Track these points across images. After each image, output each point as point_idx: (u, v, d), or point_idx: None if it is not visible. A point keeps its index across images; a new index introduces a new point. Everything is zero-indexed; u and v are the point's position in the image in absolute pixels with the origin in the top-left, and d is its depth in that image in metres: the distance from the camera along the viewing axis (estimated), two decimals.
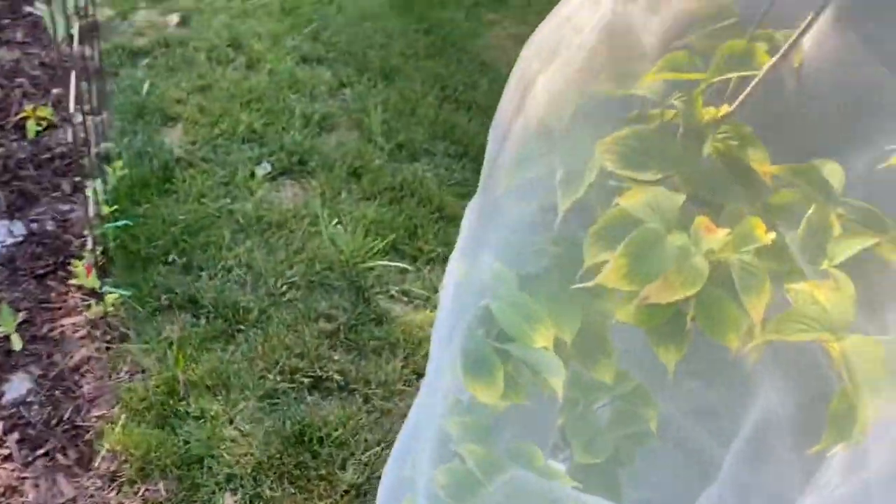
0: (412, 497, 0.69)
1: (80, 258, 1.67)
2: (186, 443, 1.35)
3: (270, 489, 1.31)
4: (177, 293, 1.65)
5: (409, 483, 0.71)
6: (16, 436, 1.37)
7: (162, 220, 1.82)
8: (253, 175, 2.05)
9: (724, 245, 0.52)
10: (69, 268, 1.67)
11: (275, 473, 1.34)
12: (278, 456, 1.36)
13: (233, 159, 2.10)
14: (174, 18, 2.73)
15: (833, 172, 0.55)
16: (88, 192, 1.71)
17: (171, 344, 1.53)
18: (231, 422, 1.41)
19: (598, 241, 0.55)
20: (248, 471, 1.33)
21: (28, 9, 2.62)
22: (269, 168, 2.09)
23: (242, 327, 1.59)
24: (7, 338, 1.52)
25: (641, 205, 0.54)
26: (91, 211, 1.70)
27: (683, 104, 0.56)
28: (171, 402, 1.42)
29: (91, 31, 1.98)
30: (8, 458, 1.34)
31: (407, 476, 0.72)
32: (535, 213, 0.61)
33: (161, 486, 1.30)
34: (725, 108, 0.55)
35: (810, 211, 0.53)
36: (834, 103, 0.54)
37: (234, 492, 1.31)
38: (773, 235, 0.51)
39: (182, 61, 2.50)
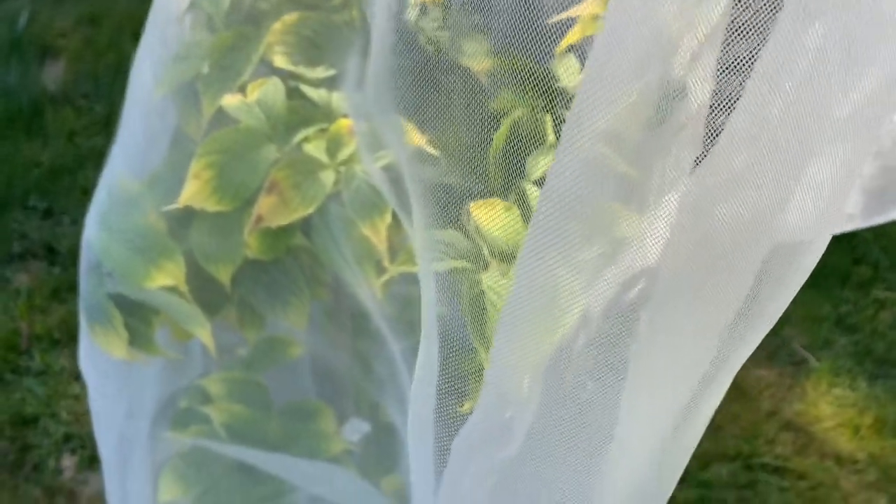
0: (141, 455, 0.65)
1: None
2: (23, 400, 1.30)
3: None
4: (33, 240, 1.57)
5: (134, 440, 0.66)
6: None
7: (24, 161, 1.72)
8: None
9: (353, 153, 0.44)
10: None
11: None
12: None
13: (114, 95, 1.99)
14: None
15: (569, 69, 0.44)
16: None
17: (18, 293, 1.46)
18: (77, 377, 1.36)
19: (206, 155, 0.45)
20: (90, 429, 1.28)
21: None
22: None
23: None
24: None
25: (245, 104, 0.45)
26: None
27: None
28: (11, 356, 1.36)
29: None
30: None
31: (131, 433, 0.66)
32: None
33: None
34: None
35: (513, 116, 0.44)
36: None
37: (72, 452, 1.26)
38: (421, 142, 0.42)
39: None
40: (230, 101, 0.46)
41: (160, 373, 0.70)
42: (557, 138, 0.50)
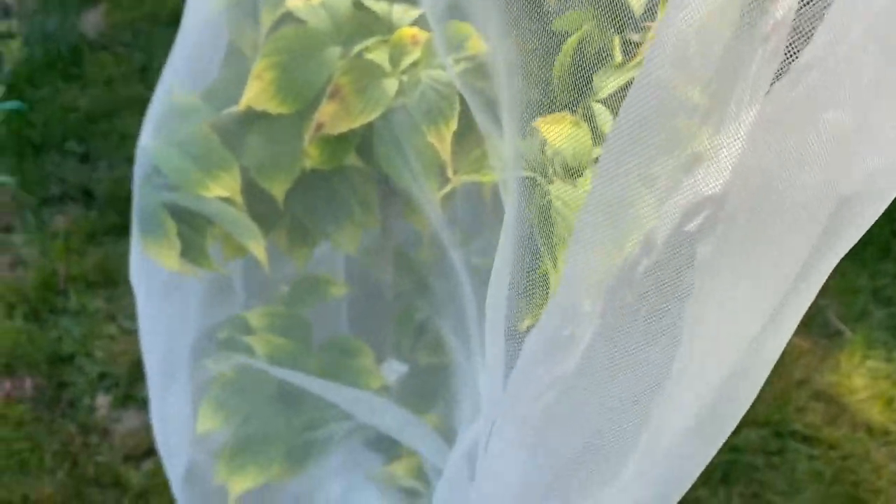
0: (183, 377, 0.65)
1: None
2: (59, 339, 1.31)
3: (146, 389, 1.28)
4: (70, 183, 1.58)
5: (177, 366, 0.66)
6: None
7: (62, 105, 1.73)
8: None
9: (417, 60, 0.43)
10: None
11: None
12: None
13: (153, 44, 1.99)
14: None
15: None
16: None
17: (55, 235, 1.47)
18: (113, 318, 1.37)
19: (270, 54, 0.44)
20: (125, 370, 1.30)
21: None
22: None
23: None
24: None
25: (310, 6, 0.44)
26: None
27: None
28: (48, 296, 1.37)
29: None
30: None
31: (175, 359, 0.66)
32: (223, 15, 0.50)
33: (28, 382, 1.27)
34: None
35: (580, 31, 0.43)
36: None
37: (107, 391, 1.28)
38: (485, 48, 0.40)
39: None
40: (294, 1, 0.45)
41: (201, 302, 0.70)
42: (625, 58, 0.49)
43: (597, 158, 0.46)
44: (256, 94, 0.44)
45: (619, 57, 0.49)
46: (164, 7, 2.13)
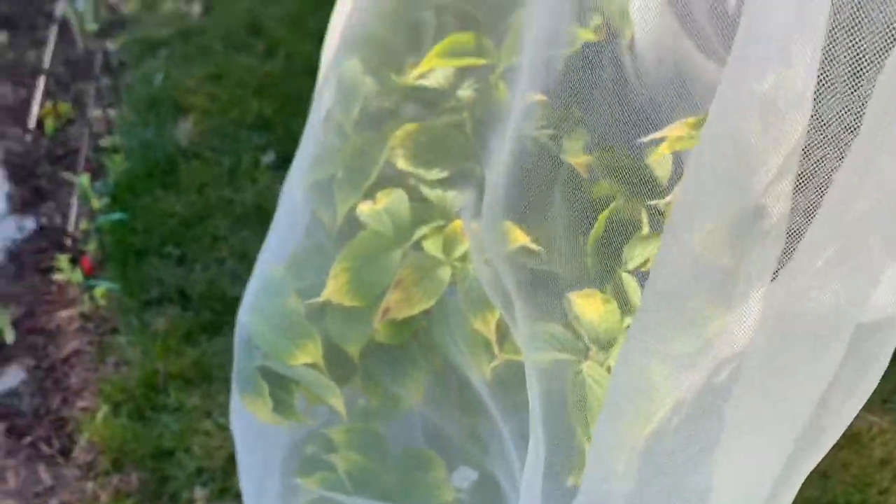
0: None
1: (81, 252, 1.74)
2: (160, 435, 1.42)
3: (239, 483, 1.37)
4: (168, 285, 1.71)
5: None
6: (5, 425, 1.45)
7: (160, 212, 1.88)
8: (257, 164, 2.08)
9: (466, 252, 0.51)
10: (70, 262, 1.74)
11: None
12: None
13: (239, 148, 2.14)
14: (196, 8, 2.73)
15: (662, 163, 0.49)
16: (77, 187, 1.78)
17: (155, 336, 1.59)
18: (208, 415, 1.47)
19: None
20: (220, 464, 1.39)
21: (57, 6, 2.65)
22: (273, 157, 2.12)
23: (229, 319, 1.64)
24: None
25: (375, 211, 0.52)
26: (75, 206, 1.77)
27: (477, 93, 0.52)
28: (150, 394, 1.49)
29: (115, 26, 2.02)
30: None
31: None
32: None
33: (134, 477, 1.37)
34: (540, 97, 0.49)
35: (611, 207, 0.49)
36: (660, 80, 0.50)
37: (204, 485, 1.37)
38: (525, 240, 0.47)
39: (198, 51, 2.52)
40: (363, 208, 0.53)
41: (291, 428, 0.78)
42: (652, 229, 0.55)
43: (627, 328, 0.51)
44: (333, 291, 0.52)
45: (646, 228, 0.55)
46: (248, 112, 2.28)
